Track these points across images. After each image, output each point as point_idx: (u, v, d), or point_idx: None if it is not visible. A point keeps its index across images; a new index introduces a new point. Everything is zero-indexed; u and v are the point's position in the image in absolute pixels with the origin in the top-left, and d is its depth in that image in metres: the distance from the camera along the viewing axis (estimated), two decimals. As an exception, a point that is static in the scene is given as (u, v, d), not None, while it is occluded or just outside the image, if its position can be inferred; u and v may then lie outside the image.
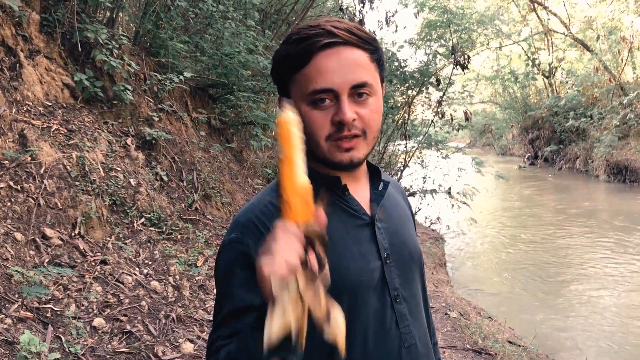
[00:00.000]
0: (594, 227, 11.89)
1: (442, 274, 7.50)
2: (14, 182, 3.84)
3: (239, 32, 7.16)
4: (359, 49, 1.09)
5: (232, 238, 1.11)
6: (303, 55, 1.07)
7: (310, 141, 1.10)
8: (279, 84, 1.17)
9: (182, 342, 3.48)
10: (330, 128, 1.08)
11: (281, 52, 1.13)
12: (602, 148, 19.22)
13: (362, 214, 1.19)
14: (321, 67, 1.06)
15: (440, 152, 12.17)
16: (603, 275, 8.40)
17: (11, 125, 4.17)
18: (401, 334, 1.16)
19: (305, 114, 1.09)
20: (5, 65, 4.52)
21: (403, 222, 1.31)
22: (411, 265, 1.25)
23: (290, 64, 1.10)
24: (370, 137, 1.12)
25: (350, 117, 1.06)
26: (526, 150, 27.90)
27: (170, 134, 5.72)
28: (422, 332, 1.23)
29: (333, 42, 1.07)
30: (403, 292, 1.19)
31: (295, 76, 1.10)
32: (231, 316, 1.03)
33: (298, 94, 1.10)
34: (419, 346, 1.19)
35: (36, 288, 3.03)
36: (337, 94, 1.07)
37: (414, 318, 1.20)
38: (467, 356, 4.31)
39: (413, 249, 1.27)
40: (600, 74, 21.86)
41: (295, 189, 0.82)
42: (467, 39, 12.89)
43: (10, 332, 2.93)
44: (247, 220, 1.11)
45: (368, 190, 1.25)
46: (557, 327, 6.42)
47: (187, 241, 4.78)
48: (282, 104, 0.82)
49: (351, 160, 1.11)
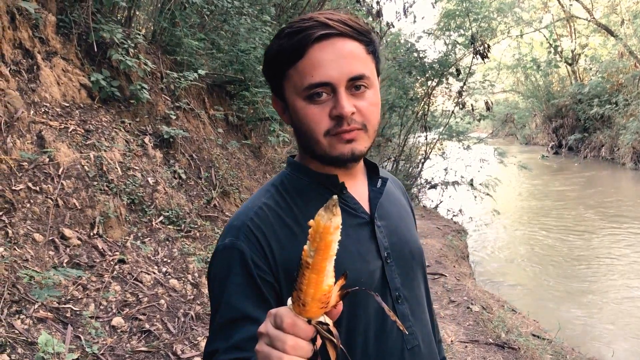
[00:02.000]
0: (621, 217, 11.65)
1: (465, 267, 7.41)
2: (33, 183, 3.87)
3: (255, 27, 7.14)
4: (354, 41, 1.05)
5: (226, 243, 1.08)
6: (297, 49, 1.03)
7: (309, 138, 1.07)
8: (272, 81, 1.13)
9: (200, 340, 3.48)
10: (328, 123, 1.04)
11: (273, 48, 1.09)
12: (628, 135, 18.82)
13: (360, 212, 1.16)
14: (317, 60, 1.02)
15: (461, 143, 12.06)
16: (631, 267, 8.22)
17: (29, 126, 4.21)
18: (403, 336, 1.13)
19: (301, 110, 1.05)
20: (22, 68, 4.57)
21: (403, 219, 1.27)
22: (412, 264, 1.21)
23: (284, 58, 1.06)
24: (371, 130, 1.08)
25: (349, 110, 1.02)
26: (550, 139, 27.49)
27: (188, 131, 5.73)
28: (425, 332, 1.20)
29: (328, 33, 1.03)
30: (404, 292, 1.16)
31: (289, 71, 1.06)
32: (226, 326, 1.00)
33: (293, 90, 1.06)
34: (422, 347, 1.16)
35: (49, 290, 3.05)
36: (335, 87, 1.02)
37: (416, 318, 1.17)
38: (489, 351, 4.24)
39: (414, 247, 1.23)
40: (625, 60, 21.40)
41: (317, 295, 0.74)
42: (487, 27, 12.67)
43: (30, 333, 2.95)
44: (241, 224, 1.08)
45: (366, 187, 1.21)
46: (583, 320, 6.31)
47: (205, 238, 4.79)
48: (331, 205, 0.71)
49: (352, 153, 1.07)
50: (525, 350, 4.27)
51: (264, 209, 1.10)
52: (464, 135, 12.61)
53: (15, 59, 4.57)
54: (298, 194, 1.13)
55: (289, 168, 1.19)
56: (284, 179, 1.17)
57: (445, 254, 7.20)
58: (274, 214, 1.09)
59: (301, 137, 1.10)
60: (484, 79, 16.69)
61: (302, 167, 1.16)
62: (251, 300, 0.99)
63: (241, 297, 0.99)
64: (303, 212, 1.10)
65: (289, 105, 1.09)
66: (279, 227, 1.08)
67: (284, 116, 1.14)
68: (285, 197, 1.12)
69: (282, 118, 1.16)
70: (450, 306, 5.21)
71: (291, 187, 1.15)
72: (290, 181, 1.16)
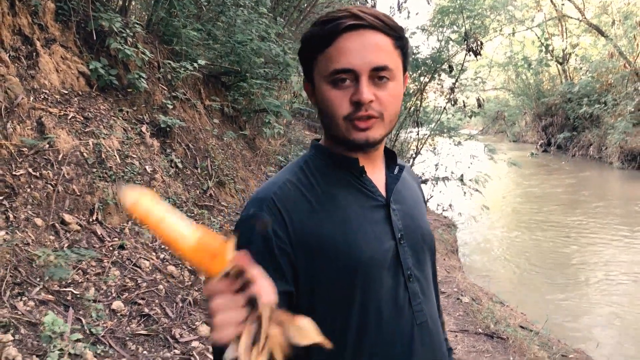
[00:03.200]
0: (607, 214, 11.83)
1: (454, 260, 7.53)
2: (33, 168, 3.91)
3: (251, 19, 7.18)
4: (383, 34, 1.12)
5: (250, 214, 1.14)
6: (327, 36, 1.11)
7: (330, 120, 1.14)
8: (304, 66, 1.21)
9: (198, 325, 3.55)
10: (348, 107, 1.11)
11: (308, 35, 1.17)
12: (616, 135, 19.02)
13: (377, 195, 1.23)
14: (343, 48, 1.09)
15: (452, 139, 12.14)
16: (617, 262, 8.38)
17: (29, 113, 4.24)
18: (414, 312, 1.19)
19: (325, 93, 1.13)
20: (22, 54, 4.59)
21: (416, 205, 1.35)
22: (424, 247, 1.28)
23: (315, 44, 1.14)
24: (387, 119, 1.15)
25: (368, 97, 1.09)
26: (539, 137, 27.68)
27: (184, 121, 5.78)
28: (432, 310, 1.27)
29: (358, 24, 1.10)
30: (416, 271, 1.23)
31: (319, 57, 1.13)
32: None
33: (320, 74, 1.14)
34: (430, 323, 1.23)
35: (61, 270, 3.11)
36: (357, 74, 1.09)
37: (425, 297, 1.24)
38: (479, 340, 4.35)
39: (426, 231, 1.31)
40: (615, 60, 21.59)
41: (190, 255, 0.74)
42: (480, 25, 12.75)
43: (32, 314, 3.01)
44: (265, 196, 1.15)
45: (384, 173, 1.28)
46: (570, 313, 6.44)
47: (202, 227, 4.85)
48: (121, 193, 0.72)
49: (367, 140, 1.14)
50: (513, 340, 4.38)
51: (287, 184, 1.17)
52: (455, 132, 12.69)
53: (14, 45, 4.59)
54: (320, 174, 1.20)
55: (313, 150, 1.27)
56: (308, 159, 1.25)
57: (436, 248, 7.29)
58: (296, 190, 1.16)
59: (324, 118, 1.18)
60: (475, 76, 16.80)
61: (326, 150, 1.24)
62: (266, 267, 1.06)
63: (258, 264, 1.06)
64: (324, 191, 1.17)
65: (316, 88, 1.17)
66: (300, 202, 1.14)
67: (312, 98, 1.22)
68: (308, 176, 1.20)
69: (311, 100, 1.23)
70: (441, 297, 5.31)
71: (314, 167, 1.22)
72: (314, 162, 1.23)
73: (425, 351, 1.21)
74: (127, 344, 3.18)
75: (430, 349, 1.22)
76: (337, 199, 1.18)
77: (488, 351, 4.17)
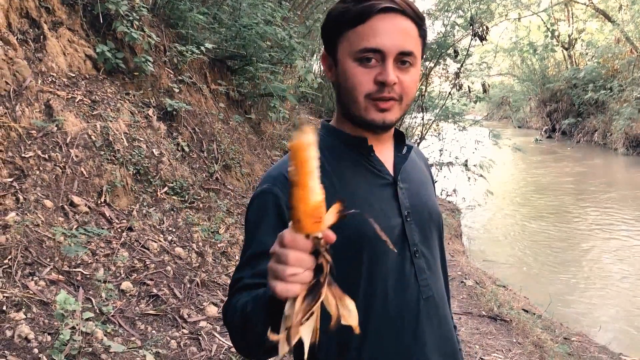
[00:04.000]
0: (611, 200, 11.84)
1: (458, 245, 7.57)
2: (42, 151, 3.95)
3: (257, 3, 7.16)
4: (411, 21, 1.16)
5: (264, 188, 1.19)
6: (362, 14, 1.13)
7: (349, 97, 1.18)
8: (327, 39, 1.24)
9: (206, 306, 3.60)
10: (371, 86, 1.15)
11: (338, 9, 1.19)
12: (621, 121, 18.95)
13: (385, 174, 1.27)
14: (376, 28, 1.13)
15: (457, 125, 12.12)
16: (620, 247, 8.41)
17: (37, 95, 4.27)
18: (420, 287, 1.23)
19: (350, 69, 1.16)
20: (29, 37, 4.61)
21: (423, 184, 1.38)
22: (430, 224, 1.32)
23: (346, 21, 1.16)
24: (404, 103, 1.20)
25: (393, 79, 1.13)
26: (544, 123, 27.61)
27: (191, 105, 5.80)
28: (439, 285, 1.31)
29: (392, 7, 1.13)
30: (422, 248, 1.27)
31: (348, 33, 1.16)
32: (254, 258, 1.12)
33: (346, 50, 1.17)
34: (436, 298, 1.27)
35: (76, 247, 3.17)
36: (385, 55, 1.13)
37: (432, 272, 1.28)
38: (482, 322, 4.40)
39: (433, 209, 1.34)
40: (621, 45, 21.44)
41: (307, 210, 0.80)
42: (486, 9, 12.69)
43: (44, 294, 3.06)
44: (278, 173, 1.20)
45: (392, 153, 1.32)
46: (572, 297, 6.49)
47: (209, 210, 4.89)
48: (300, 123, 0.79)
49: (384, 121, 1.18)
50: (516, 322, 4.43)
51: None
52: (460, 117, 12.66)
53: (22, 28, 4.61)
54: (330, 153, 1.24)
55: (323, 130, 1.31)
56: (318, 139, 1.28)
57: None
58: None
59: (342, 95, 1.21)
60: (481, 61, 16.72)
61: (336, 130, 1.28)
62: None
63: (271, 236, 1.10)
64: (333, 169, 1.21)
65: (339, 63, 1.19)
66: None
67: (330, 73, 1.25)
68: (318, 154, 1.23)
69: (327, 74, 1.26)
70: (445, 281, 5.36)
71: (324, 146, 1.25)
72: (324, 141, 1.26)
73: (431, 325, 1.24)
74: (136, 324, 3.24)
75: (436, 323, 1.26)
76: (346, 177, 1.22)
77: (491, 333, 4.22)
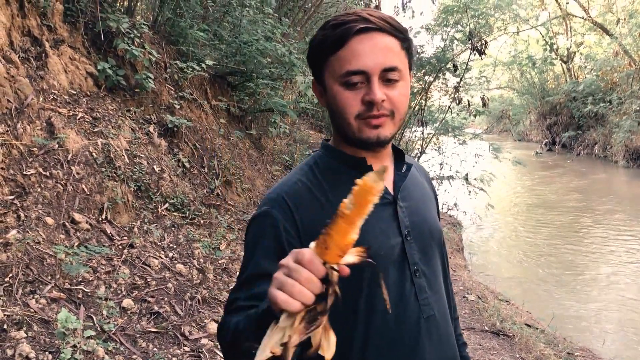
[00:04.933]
0: (613, 213, 11.83)
1: (460, 259, 7.55)
2: (43, 168, 3.96)
3: (257, 19, 7.22)
4: (391, 36, 1.17)
5: (262, 211, 1.20)
6: (340, 39, 1.15)
7: (341, 120, 1.19)
8: (314, 68, 1.25)
9: (207, 323, 3.58)
10: (360, 107, 1.15)
11: (318, 37, 1.21)
12: (621, 133, 18.98)
13: (385, 193, 1.26)
14: (356, 50, 1.14)
15: (457, 139, 12.14)
16: (622, 261, 8.38)
17: (39, 113, 4.29)
18: (420, 306, 1.23)
19: (337, 94, 1.17)
20: (31, 55, 4.64)
21: (424, 201, 1.38)
22: (431, 242, 1.31)
23: (327, 47, 1.17)
24: (397, 118, 1.20)
25: (380, 97, 1.13)
26: (544, 136, 27.64)
27: (191, 121, 5.82)
28: (441, 304, 1.29)
29: (368, 27, 1.14)
30: (422, 267, 1.26)
31: (331, 59, 1.17)
32: (250, 280, 1.14)
33: (331, 76, 1.18)
34: (438, 317, 1.26)
35: (77, 265, 3.16)
36: (369, 75, 1.14)
37: (433, 291, 1.27)
38: (485, 337, 4.37)
39: (433, 227, 1.34)
40: (620, 58, 21.54)
41: (340, 243, 0.84)
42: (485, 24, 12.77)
43: (45, 312, 3.05)
44: (277, 195, 1.21)
45: (392, 171, 1.32)
46: (575, 311, 6.45)
47: (210, 226, 4.89)
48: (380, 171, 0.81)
49: (378, 137, 1.18)
50: (519, 337, 4.40)
51: (298, 183, 1.22)
52: (460, 131, 12.69)
53: (24, 46, 4.64)
54: (329, 173, 1.25)
55: (323, 150, 1.31)
56: (318, 159, 1.29)
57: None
58: (306, 189, 1.21)
59: (335, 119, 1.22)
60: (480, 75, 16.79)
61: (335, 150, 1.28)
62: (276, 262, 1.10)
63: (268, 258, 1.12)
64: (332, 189, 1.22)
65: (327, 89, 1.20)
66: (310, 200, 1.20)
67: (322, 99, 1.26)
68: (317, 175, 1.24)
69: (320, 101, 1.28)
70: (447, 296, 5.34)
71: (324, 166, 1.26)
72: (323, 162, 1.27)
73: (432, 344, 1.23)
74: (137, 341, 3.22)
75: (438, 343, 1.25)
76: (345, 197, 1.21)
77: (494, 349, 4.19)
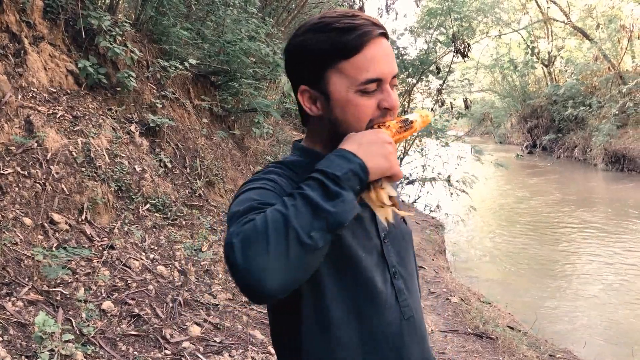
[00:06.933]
0: (591, 215, 11.97)
1: (442, 261, 7.57)
2: (21, 167, 3.87)
3: (240, 19, 7.16)
4: (388, 41, 1.17)
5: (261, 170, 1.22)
6: (356, 45, 1.09)
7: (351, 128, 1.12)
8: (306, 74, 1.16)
9: (189, 325, 3.53)
10: (375, 112, 1.13)
11: (320, 41, 1.12)
12: (600, 137, 19.25)
13: None
14: (373, 57, 1.10)
15: (439, 141, 12.20)
16: (603, 263, 8.48)
17: (17, 111, 4.20)
18: (401, 307, 1.23)
19: (353, 101, 1.11)
20: (10, 52, 4.54)
21: None
22: (405, 244, 1.33)
23: (337, 53, 1.10)
24: None
25: (398, 104, 1.15)
26: (525, 139, 27.93)
27: (174, 120, 5.74)
28: (417, 304, 1.31)
29: (383, 33, 1.13)
30: (400, 269, 1.27)
31: (341, 64, 1.11)
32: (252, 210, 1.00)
33: (344, 83, 1.11)
34: (416, 318, 1.27)
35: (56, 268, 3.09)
36: (382, 82, 1.12)
37: (410, 293, 1.28)
38: (468, 340, 4.38)
39: (405, 229, 1.35)
40: (599, 63, 21.87)
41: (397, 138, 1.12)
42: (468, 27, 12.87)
43: (22, 315, 2.98)
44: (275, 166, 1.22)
45: None
46: (556, 312, 6.50)
47: (191, 227, 4.83)
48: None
49: None
50: (502, 340, 4.41)
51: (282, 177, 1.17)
52: (442, 133, 12.75)
53: (2, 42, 4.54)
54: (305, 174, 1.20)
55: (298, 152, 1.26)
56: (294, 160, 1.25)
57: (424, 248, 7.34)
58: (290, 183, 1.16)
59: (341, 125, 1.14)
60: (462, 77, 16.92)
61: (312, 152, 1.22)
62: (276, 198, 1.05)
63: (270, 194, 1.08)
64: None
65: (334, 96, 1.13)
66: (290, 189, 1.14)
67: (314, 107, 1.17)
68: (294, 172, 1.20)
69: (312, 108, 1.18)
70: (430, 297, 5.34)
71: (299, 168, 1.20)
72: (300, 163, 1.23)
73: (414, 345, 1.25)
74: (117, 345, 3.16)
75: (417, 342, 1.27)
76: None
77: (477, 351, 4.19)
